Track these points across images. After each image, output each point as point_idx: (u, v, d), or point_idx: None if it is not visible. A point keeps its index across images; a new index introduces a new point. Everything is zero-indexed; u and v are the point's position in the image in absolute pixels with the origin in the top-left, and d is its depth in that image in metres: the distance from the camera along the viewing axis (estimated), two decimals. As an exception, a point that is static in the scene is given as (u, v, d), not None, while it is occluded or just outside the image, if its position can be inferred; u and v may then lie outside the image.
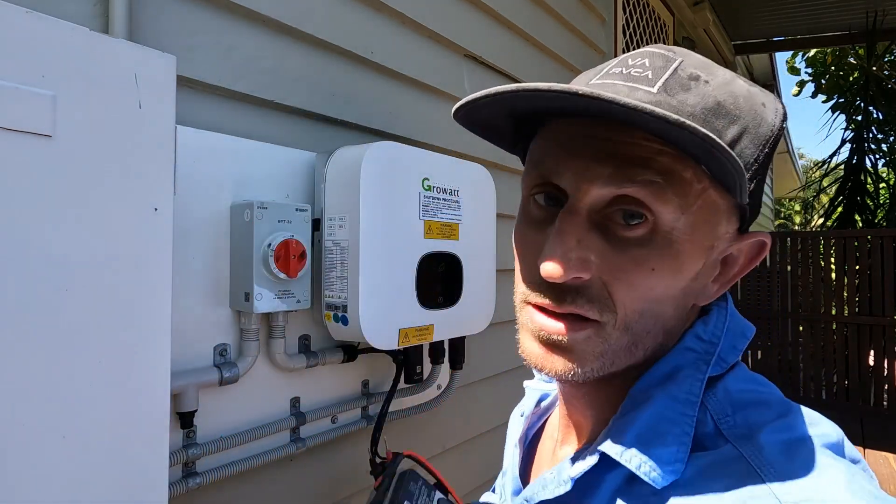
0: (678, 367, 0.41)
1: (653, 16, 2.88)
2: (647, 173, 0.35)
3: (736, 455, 0.35)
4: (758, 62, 6.33)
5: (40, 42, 0.50)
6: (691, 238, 0.37)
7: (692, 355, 0.41)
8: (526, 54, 1.74)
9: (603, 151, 0.36)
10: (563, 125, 0.39)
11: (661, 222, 0.36)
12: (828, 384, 3.40)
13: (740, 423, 0.37)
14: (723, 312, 0.44)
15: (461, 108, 0.38)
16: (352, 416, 1.08)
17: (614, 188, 0.36)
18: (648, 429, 0.38)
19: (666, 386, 0.40)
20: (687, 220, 0.37)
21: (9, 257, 0.47)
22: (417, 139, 1.27)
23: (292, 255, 0.85)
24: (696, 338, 0.42)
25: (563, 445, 0.50)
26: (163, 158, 0.58)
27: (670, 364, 0.41)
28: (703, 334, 0.42)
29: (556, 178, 0.38)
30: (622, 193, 0.36)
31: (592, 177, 0.36)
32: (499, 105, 0.38)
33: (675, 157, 0.36)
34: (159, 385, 0.58)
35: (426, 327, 1.00)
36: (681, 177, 0.36)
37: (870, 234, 3.26)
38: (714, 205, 0.38)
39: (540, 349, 0.40)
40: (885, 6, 4.00)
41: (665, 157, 0.36)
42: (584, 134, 0.38)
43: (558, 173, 0.38)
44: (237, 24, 0.91)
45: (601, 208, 0.37)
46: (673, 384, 0.40)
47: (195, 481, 0.80)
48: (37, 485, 0.49)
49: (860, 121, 4.66)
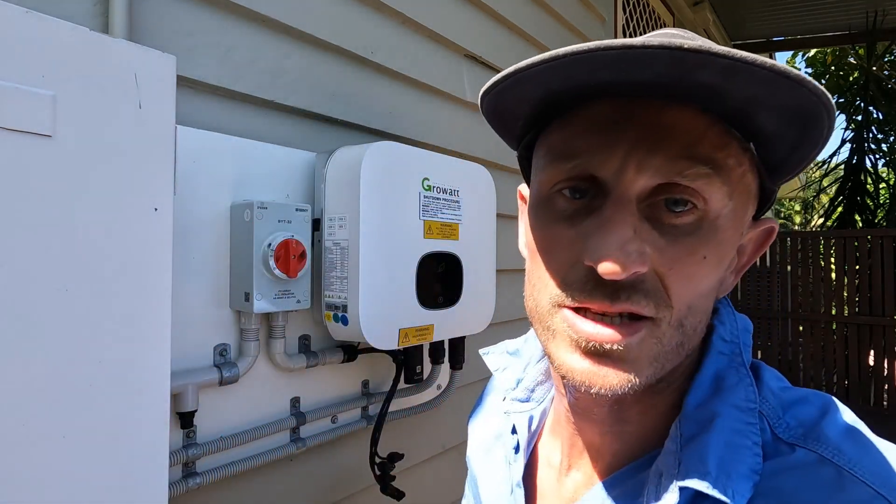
0: (721, 374, 0.39)
1: (653, 16, 2.88)
2: (698, 161, 0.33)
3: (815, 458, 0.34)
4: (758, 62, 6.32)
5: (40, 42, 0.50)
6: (733, 224, 0.36)
7: (725, 358, 0.40)
8: (526, 54, 1.74)
9: (652, 133, 0.33)
10: (597, 108, 0.35)
11: (711, 210, 0.34)
12: (828, 384, 3.40)
13: (794, 425, 0.36)
14: (729, 309, 0.43)
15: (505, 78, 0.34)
16: (352, 416, 1.08)
17: (662, 179, 0.33)
18: (726, 449, 0.35)
19: (723, 397, 0.37)
20: (731, 205, 0.35)
21: (9, 257, 0.47)
22: (417, 139, 1.27)
23: (292, 255, 0.85)
24: (720, 339, 0.40)
25: (570, 472, 0.45)
26: (163, 158, 0.58)
27: (710, 370, 0.39)
28: (725, 335, 0.41)
29: (595, 168, 0.35)
30: (671, 182, 0.33)
31: (642, 165, 0.33)
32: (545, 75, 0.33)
33: (724, 133, 0.34)
34: (159, 385, 0.58)
35: (426, 327, 1.00)
36: (725, 159, 0.34)
37: (870, 234, 3.26)
38: (749, 190, 0.36)
39: (586, 362, 0.35)
40: (885, 6, 4.00)
41: (713, 133, 0.33)
42: (625, 115, 0.34)
43: (598, 163, 0.35)
44: (237, 24, 0.91)
45: (647, 196, 0.35)
46: (729, 394, 0.38)
47: (195, 481, 0.80)
48: (37, 484, 0.49)
49: (860, 121, 4.66)
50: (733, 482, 0.33)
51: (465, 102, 1.45)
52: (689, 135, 0.33)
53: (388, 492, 1.04)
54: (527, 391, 0.51)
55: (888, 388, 3.18)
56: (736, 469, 0.34)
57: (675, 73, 0.30)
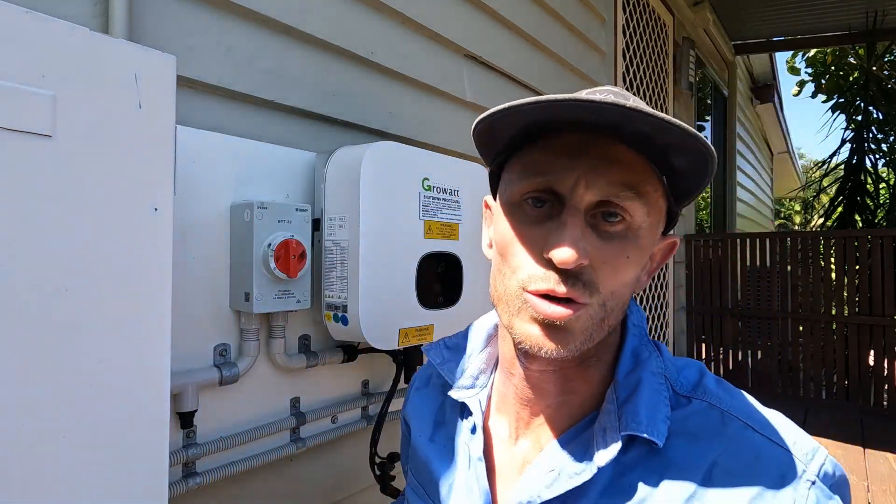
0: (637, 349, 0.53)
1: (653, 16, 2.88)
2: (628, 187, 0.45)
3: (706, 405, 0.49)
4: (758, 62, 6.33)
5: (40, 42, 0.50)
6: (649, 235, 0.48)
7: (636, 339, 0.54)
8: (526, 54, 1.74)
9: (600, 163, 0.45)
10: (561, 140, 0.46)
11: (634, 222, 0.46)
12: (828, 384, 3.40)
13: (685, 383, 0.51)
14: (634, 302, 0.55)
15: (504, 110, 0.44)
16: (352, 416, 1.08)
17: (604, 196, 0.45)
18: (651, 406, 0.48)
19: (642, 366, 0.51)
20: (649, 220, 0.47)
21: (8, 257, 0.47)
22: (417, 139, 1.27)
23: (292, 255, 0.85)
24: (633, 325, 0.54)
25: (518, 441, 0.55)
26: (163, 158, 0.58)
27: (630, 348, 0.53)
28: (635, 321, 0.54)
29: (556, 184, 0.45)
30: (608, 199, 0.45)
31: (589, 185, 0.44)
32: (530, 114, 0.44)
33: (647, 168, 0.46)
34: (159, 385, 0.58)
35: (426, 327, 1.00)
36: (646, 187, 0.46)
37: (870, 234, 3.26)
38: (661, 210, 0.49)
39: (540, 332, 0.46)
40: (885, 6, 4.00)
41: (639, 167, 0.45)
42: (581, 147, 0.45)
43: (559, 181, 0.45)
44: (237, 24, 0.91)
45: (591, 209, 0.46)
46: (646, 364, 0.51)
47: (195, 481, 0.80)
48: (37, 484, 0.49)
49: (860, 121, 4.65)
50: (657, 426, 0.47)
51: (465, 102, 1.45)
52: (625, 166, 0.45)
53: (388, 492, 1.04)
54: (472, 378, 0.60)
55: (888, 388, 3.18)
56: (658, 417, 0.47)
57: (622, 121, 0.42)
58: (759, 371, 3.57)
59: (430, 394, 0.67)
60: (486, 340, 0.63)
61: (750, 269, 3.63)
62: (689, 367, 0.53)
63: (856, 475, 2.36)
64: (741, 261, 3.64)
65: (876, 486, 2.25)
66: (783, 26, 4.51)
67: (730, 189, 5.22)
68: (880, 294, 3.19)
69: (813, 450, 0.45)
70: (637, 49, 2.65)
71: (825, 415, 3.22)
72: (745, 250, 3.64)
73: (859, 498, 2.15)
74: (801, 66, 6.48)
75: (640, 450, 0.47)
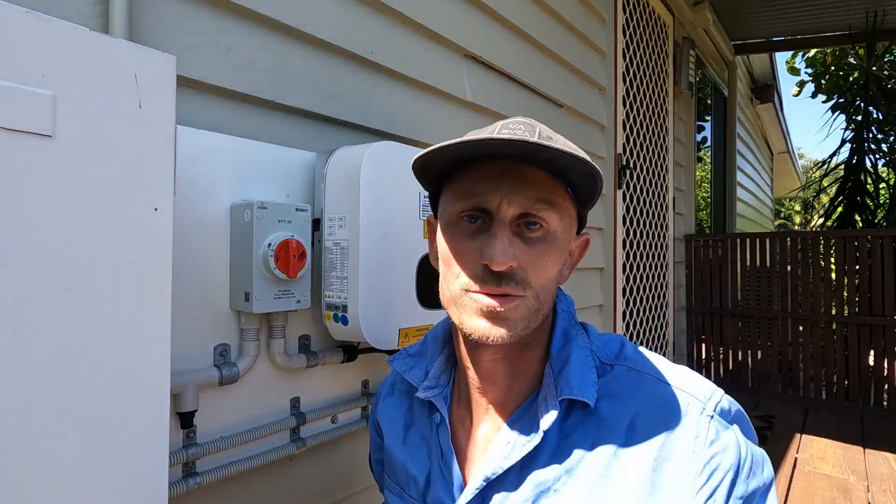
0: (567, 330, 0.62)
1: (653, 16, 2.88)
2: (542, 201, 0.55)
3: (625, 369, 0.59)
4: (758, 62, 6.33)
5: (40, 42, 0.50)
6: (565, 236, 0.58)
7: (565, 321, 0.63)
8: (526, 54, 1.74)
9: (517, 184, 0.54)
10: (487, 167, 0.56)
11: (551, 228, 0.56)
12: (828, 384, 3.40)
13: (609, 353, 0.61)
14: (561, 292, 0.65)
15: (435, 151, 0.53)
16: (352, 416, 1.08)
17: (523, 209, 0.54)
18: (580, 373, 0.58)
19: (572, 342, 0.61)
20: (562, 224, 0.57)
21: (9, 257, 0.48)
22: (417, 139, 1.27)
23: (292, 255, 0.85)
24: (562, 310, 0.64)
25: (479, 426, 0.63)
26: (163, 158, 0.58)
27: (560, 329, 0.62)
28: (564, 307, 0.64)
29: (485, 203, 0.55)
30: (527, 212, 0.55)
31: (512, 201, 0.54)
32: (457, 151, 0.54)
33: (555, 184, 0.56)
34: (159, 385, 0.58)
35: (426, 327, 1.00)
36: (556, 199, 0.56)
37: (870, 234, 3.25)
38: (571, 215, 0.59)
39: (486, 322, 0.54)
40: (885, 6, 4.00)
41: (548, 184, 0.55)
42: (503, 172, 0.55)
43: (486, 200, 0.55)
44: (237, 24, 0.91)
45: (514, 221, 0.55)
46: (574, 341, 0.61)
47: (195, 481, 0.80)
48: (37, 484, 0.49)
49: (860, 121, 4.65)
50: (587, 389, 0.56)
51: (465, 102, 1.45)
52: (538, 184, 0.55)
53: (388, 492, 1.04)
54: (434, 379, 0.67)
55: (888, 388, 3.18)
56: (587, 382, 0.57)
57: (529, 150, 0.52)
58: (759, 371, 3.57)
59: (397, 400, 0.74)
60: (443, 344, 0.70)
61: (750, 269, 3.63)
62: (612, 341, 0.63)
63: (856, 475, 2.36)
64: (741, 261, 3.64)
65: (876, 486, 2.25)
66: (783, 26, 4.51)
67: (730, 189, 5.22)
68: (880, 294, 3.19)
69: (711, 391, 0.56)
70: (637, 49, 2.65)
71: (825, 415, 3.22)
72: (745, 250, 3.64)
73: (859, 498, 2.15)
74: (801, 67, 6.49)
75: (577, 413, 0.57)
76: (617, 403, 0.56)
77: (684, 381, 0.57)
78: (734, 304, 3.63)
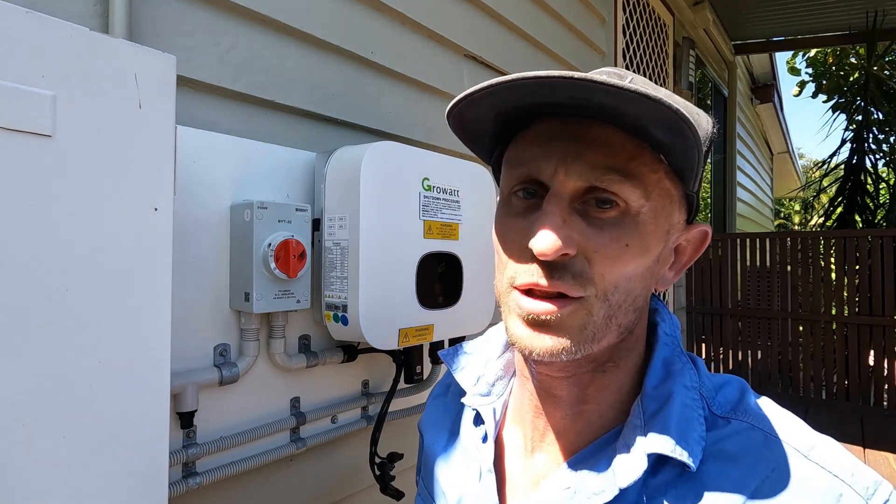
0: (668, 360, 0.47)
1: (653, 16, 2.88)
2: (611, 170, 0.40)
3: (747, 426, 0.43)
4: (758, 62, 6.33)
5: (40, 42, 0.50)
6: (654, 221, 0.43)
7: (668, 349, 0.48)
8: (526, 54, 1.74)
9: (575, 147, 0.41)
10: (540, 126, 0.44)
11: (631, 207, 0.41)
12: (828, 384, 3.40)
13: (724, 403, 0.45)
14: (666, 310, 0.51)
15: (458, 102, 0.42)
16: (352, 416, 1.08)
17: (585, 182, 0.41)
18: (682, 420, 0.43)
19: (675, 379, 0.46)
20: (650, 205, 0.42)
21: (9, 257, 0.47)
22: (417, 139, 1.27)
23: (292, 255, 0.85)
24: (664, 333, 0.49)
25: (534, 454, 0.50)
26: (163, 158, 0.58)
27: (660, 358, 0.47)
28: (667, 329, 0.50)
29: (536, 172, 0.43)
30: (595, 185, 0.41)
31: (568, 171, 0.41)
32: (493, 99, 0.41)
33: (637, 148, 0.41)
34: (159, 385, 0.58)
35: (426, 327, 1.00)
36: (638, 168, 0.41)
37: (870, 234, 3.26)
38: (669, 193, 0.44)
39: (527, 330, 0.42)
40: (885, 6, 4.00)
41: (625, 147, 0.41)
42: (559, 132, 0.42)
43: (538, 169, 0.42)
44: (237, 24, 0.91)
45: (579, 197, 0.42)
46: (679, 376, 0.46)
47: (195, 481, 0.80)
48: (36, 484, 0.49)
49: (860, 121, 4.65)
50: (690, 446, 0.41)
51: (465, 102, 1.45)
52: (608, 147, 0.41)
53: (388, 492, 1.04)
54: (488, 386, 0.56)
55: (888, 388, 3.18)
56: (691, 436, 0.42)
57: (579, 94, 0.38)
58: (759, 371, 3.57)
59: (449, 402, 0.64)
60: (505, 346, 0.58)
61: (750, 269, 3.63)
62: (729, 385, 0.47)
63: (856, 475, 2.36)
64: (741, 261, 3.64)
65: (876, 486, 2.24)
66: (783, 26, 4.51)
67: (730, 189, 5.22)
68: (880, 294, 3.19)
69: (875, 483, 0.39)
70: (637, 49, 2.65)
71: (825, 415, 3.22)
72: (745, 250, 3.64)
73: (859, 498, 2.15)
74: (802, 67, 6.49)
75: (670, 472, 0.42)
76: (730, 470, 0.41)
77: (834, 458, 0.40)
78: (734, 304, 3.63)
